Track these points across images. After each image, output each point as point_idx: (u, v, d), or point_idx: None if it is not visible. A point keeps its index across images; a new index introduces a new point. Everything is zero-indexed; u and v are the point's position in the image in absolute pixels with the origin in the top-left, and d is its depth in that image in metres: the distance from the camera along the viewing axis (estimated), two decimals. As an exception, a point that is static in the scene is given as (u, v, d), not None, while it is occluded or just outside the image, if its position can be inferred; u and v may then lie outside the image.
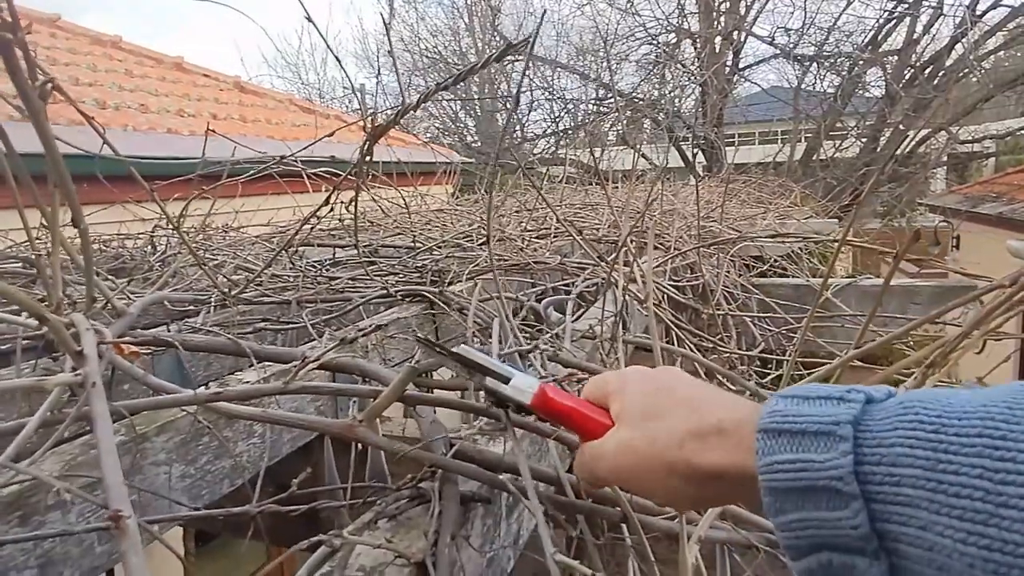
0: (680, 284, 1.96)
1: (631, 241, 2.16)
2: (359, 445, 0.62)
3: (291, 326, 1.30)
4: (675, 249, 2.15)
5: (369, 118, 1.07)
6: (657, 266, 1.98)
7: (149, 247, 2.48)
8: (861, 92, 10.29)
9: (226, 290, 1.29)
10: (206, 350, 0.80)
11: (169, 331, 1.10)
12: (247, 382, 0.85)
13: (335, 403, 1.32)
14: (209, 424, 0.85)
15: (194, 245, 2.12)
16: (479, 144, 12.74)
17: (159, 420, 0.84)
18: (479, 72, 1.09)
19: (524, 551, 0.80)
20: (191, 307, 1.38)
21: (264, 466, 1.12)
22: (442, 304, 1.20)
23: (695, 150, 10.89)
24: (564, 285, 1.60)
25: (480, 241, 2.06)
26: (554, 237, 2.31)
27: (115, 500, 0.38)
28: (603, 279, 1.57)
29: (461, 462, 0.56)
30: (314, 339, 1.24)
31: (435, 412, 0.68)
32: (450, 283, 1.36)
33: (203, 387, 0.81)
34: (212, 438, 0.97)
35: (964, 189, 10.15)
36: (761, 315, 2.15)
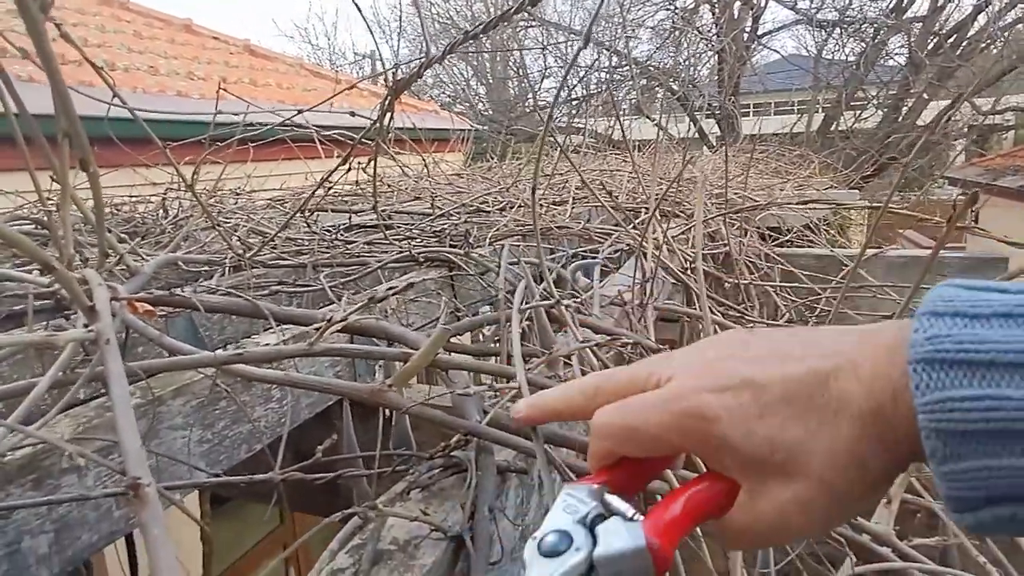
0: (703, 252, 1.90)
1: (647, 209, 2.11)
2: (385, 412, 0.59)
3: (308, 289, 1.26)
4: (697, 217, 2.09)
5: (391, 71, 1.02)
6: (680, 234, 1.93)
7: (161, 210, 2.45)
8: (884, 60, 10.04)
9: (240, 252, 1.25)
10: (224, 311, 0.77)
11: (184, 293, 1.07)
12: (266, 345, 0.82)
13: (353, 368, 1.29)
14: (227, 388, 0.82)
15: (207, 207, 2.08)
16: (491, 113, 12.58)
17: (175, 383, 0.81)
18: (500, 26, 1.03)
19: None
20: (204, 269, 1.35)
21: (285, 431, 1.09)
22: (466, 267, 1.16)
23: (710, 120, 10.70)
24: (587, 251, 1.55)
25: (499, 206, 2.01)
26: (573, 204, 2.25)
27: (133, 466, 0.34)
28: (628, 245, 1.53)
29: (499, 431, 0.53)
30: (332, 303, 1.20)
31: (469, 377, 0.64)
32: (467, 254, 1.32)
33: (220, 350, 0.78)
34: (230, 403, 0.94)
35: (985, 161, 9.96)
36: (784, 284, 2.10)
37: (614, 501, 0.40)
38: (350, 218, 1.78)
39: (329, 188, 1.48)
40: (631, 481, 0.43)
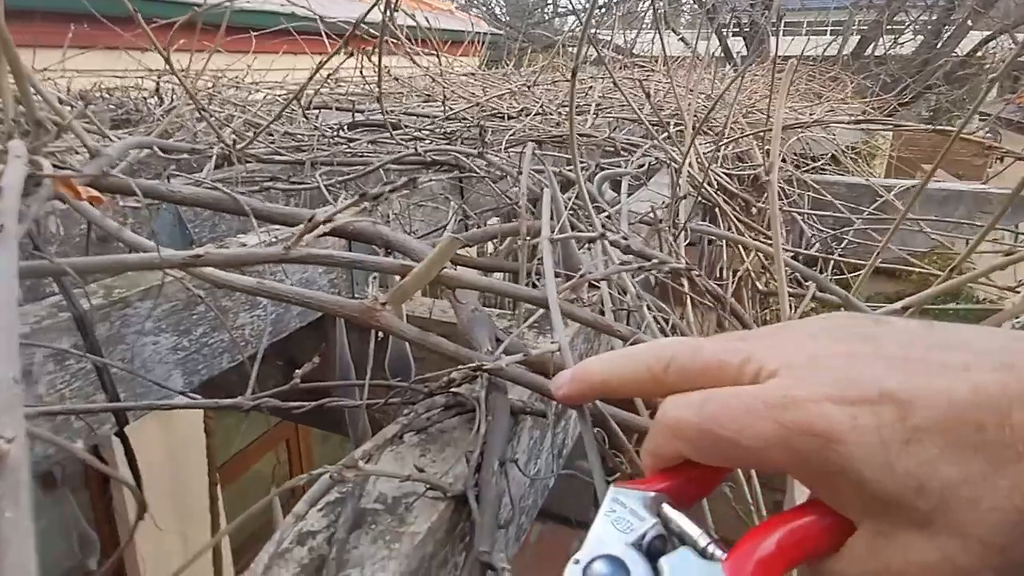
0: (732, 172, 1.77)
1: (677, 124, 1.95)
2: (379, 333, 0.48)
3: (304, 187, 1.15)
4: (728, 135, 1.94)
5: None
6: (709, 151, 1.79)
7: (155, 98, 2.29)
8: (929, -19, 9.45)
9: (230, 143, 1.13)
10: (195, 204, 0.65)
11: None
12: (244, 245, 0.71)
13: (351, 277, 1.19)
14: (200, 293, 0.71)
15: (200, 95, 1.93)
16: (508, 18, 11.99)
17: (142, 284, 0.71)
18: None
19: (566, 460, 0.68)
20: (188, 157, 1.23)
21: (268, 342, 1.00)
22: (479, 172, 1.03)
23: (738, 37, 10.17)
24: (609, 164, 1.42)
25: (515, 111, 1.86)
26: (594, 115, 2.09)
27: None
28: (656, 160, 1.39)
29: (518, 367, 0.42)
30: (329, 204, 1.09)
31: (480, 298, 0.54)
32: (480, 155, 1.18)
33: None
34: (210, 308, 0.85)
35: (1019, 99, 9.52)
36: (814, 212, 1.97)
37: (677, 519, 0.31)
38: (353, 116, 1.63)
39: (328, 75, 1.33)
40: (693, 488, 0.34)
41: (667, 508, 0.32)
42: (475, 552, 0.36)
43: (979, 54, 9.93)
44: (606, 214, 0.92)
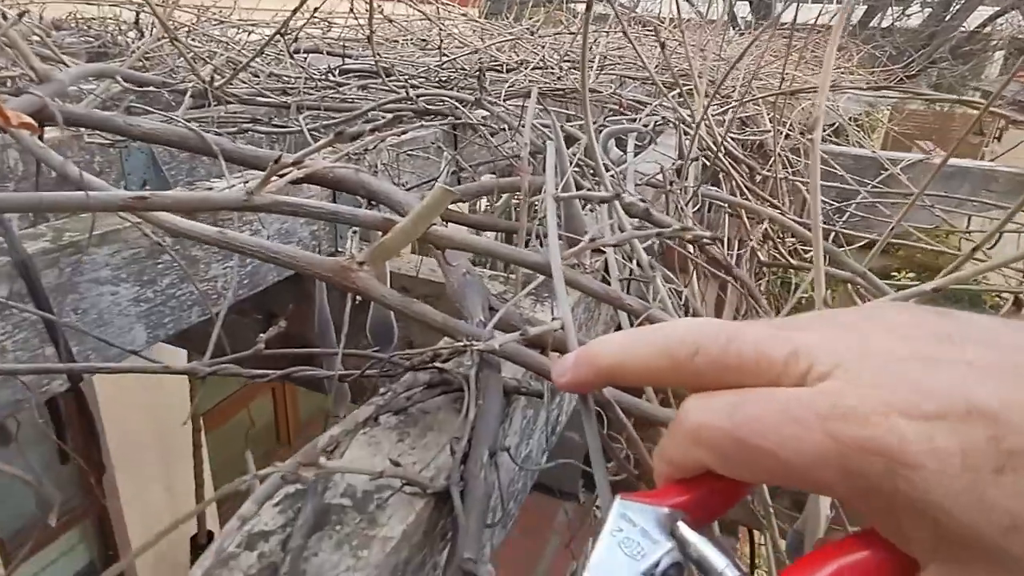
0: (739, 137, 1.70)
1: (685, 84, 1.87)
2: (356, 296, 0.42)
3: (286, 131, 1.07)
4: (735, 98, 1.86)
5: None
6: (717, 114, 1.71)
7: (134, 31, 2.17)
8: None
9: (207, 79, 1.04)
10: (154, 140, 0.58)
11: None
12: (208, 190, 0.64)
13: (335, 232, 1.12)
14: (162, 241, 0.65)
15: (180, 31, 1.82)
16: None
17: (99, 227, 0.64)
18: None
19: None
20: (167, 97, 1.14)
21: (242, 296, 0.94)
22: (476, 122, 0.95)
23: (744, 1, 9.95)
24: (614, 122, 1.34)
25: (516, 63, 1.76)
26: (598, 70, 2.00)
27: None
28: (663, 119, 1.32)
29: (515, 343, 0.36)
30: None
31: (471, 259, 0.47)
32: (478, 102, 1.10)
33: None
34: (173, 257, 0.78)
35: (1022, 76, 9.42)
36: (821, 182, 1.89)
37: (697, 543, 0.25)
38: (343, 60, 1.54)
39: (315, 11, 1.24)
40: (713, 503, 0.28)
41: (684, 528, 0.26)
42: (458, 559, 0.30)
43: (986, 30, 9.80)
44: (611, 174, 0.85)
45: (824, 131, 2.58)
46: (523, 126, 0.60)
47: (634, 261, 0.52)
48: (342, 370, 0.43)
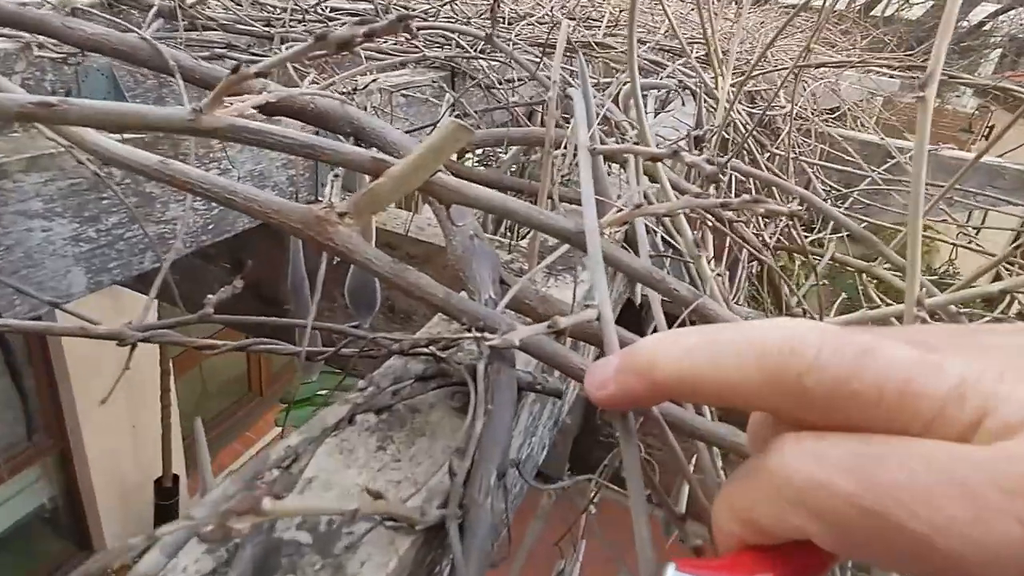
0: (754, 112, 1.60)
1: (700, 52, 1.77)
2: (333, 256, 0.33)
3: (261, 59, 0.95)
4: (756, 69, 1.76)
5: None
6: (732, 84, 1.61)
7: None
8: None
9: (180, -5, 0.92)
10: (97, 50, 0.48)
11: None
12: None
13: (316, 176, 1.02)
14: (97, 168, 0.54)
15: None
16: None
17: (27, 150, 0.54)
18: None
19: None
20: (128, 10, 1.02)
21: (208, 241, 0.84)
22: (485, 62, 0.85)
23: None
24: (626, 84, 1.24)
25: (520, 14, 1.64)
26: (608, 28, 1.88)
27: None
28: (680, 83, 1.22)
29: (537, 333, 0.27)
30: (297, 85, 0.90)
31: (479, 219, 0.38)
32: (488, 38, 0.99)
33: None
34: (129, 192, 0.67)
35: (1018, 75, 9.41)
36: (828, 165, 1.82)
37: None
38: (336, -11, 1.41)
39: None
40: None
41: None
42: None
43: (987, 26, 9.76)
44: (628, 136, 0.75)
45: (826, 115, 2.50)
46: (546, 66, 0.50)
47: (683, 238, 0.43)
48: (312, 347, 0.34)
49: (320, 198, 0.89)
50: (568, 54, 1.51)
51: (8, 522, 3.48)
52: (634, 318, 0.60)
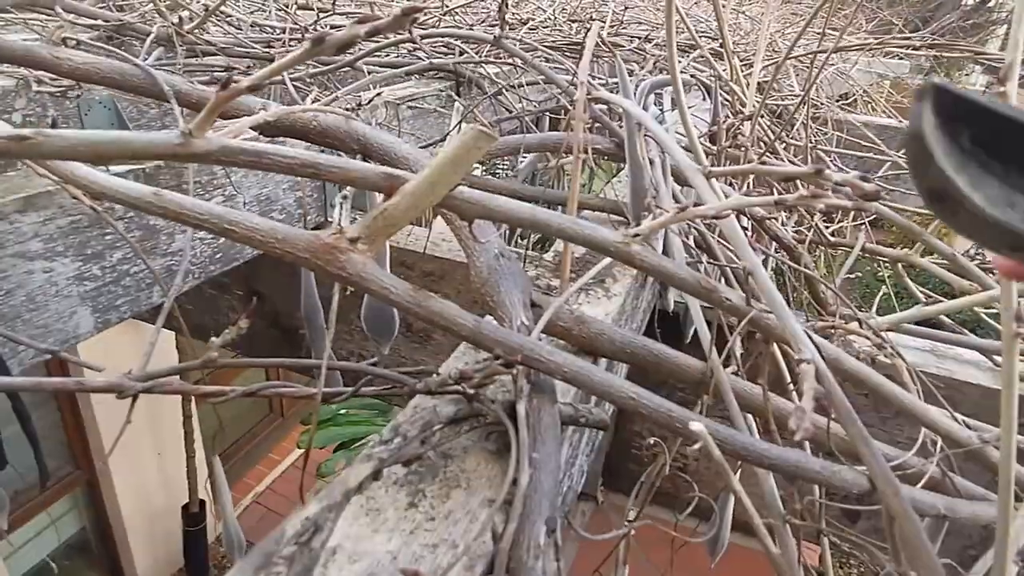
0: (768, 102, 1.56)
1: (711, 46, 1.73)
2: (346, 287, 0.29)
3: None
4: (770, 59, 1.71)
5: None
6: (747, 74, 1.57)
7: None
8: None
9: (176, 21, 0.90)
10: (86, 79, 0.45)
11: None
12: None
13: (324, 198, 0.99)
14: (93, 205, 0.51)
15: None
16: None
17: (21, 190, 0.51)
18: None
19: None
20: (127, 39, 1.00)
21: (217, 271, 0.81)
22: (491, 73, 0.81)
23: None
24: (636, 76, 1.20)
25: (520, 21, 1.62)
26: (610, 25, 1.85)
27: None
28: (692, 76, 1.18)
29: (574, 363, 0.24)
30: (296, 103, 0.87)
31: (504, 233, 0.35)
32: (497, 41, 0.96)
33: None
34: (132, 226, 0.65)
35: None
36: (844, 152, 1.78)
37: None
38: (334, 3, 1.39)
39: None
40: None
41: None
42: None
43: (990, 4, 9.64)
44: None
45: (839, 99, 2.44)
46: (560, 69, 0.47)
47: (690, 238, 0.39)
48: (326, 388, 0.31)
49: (330, 219, 0.86)
50: (575, 56, 1.48)
51: (39, 556, 3.50)
52: (672, 325, 0.57)
